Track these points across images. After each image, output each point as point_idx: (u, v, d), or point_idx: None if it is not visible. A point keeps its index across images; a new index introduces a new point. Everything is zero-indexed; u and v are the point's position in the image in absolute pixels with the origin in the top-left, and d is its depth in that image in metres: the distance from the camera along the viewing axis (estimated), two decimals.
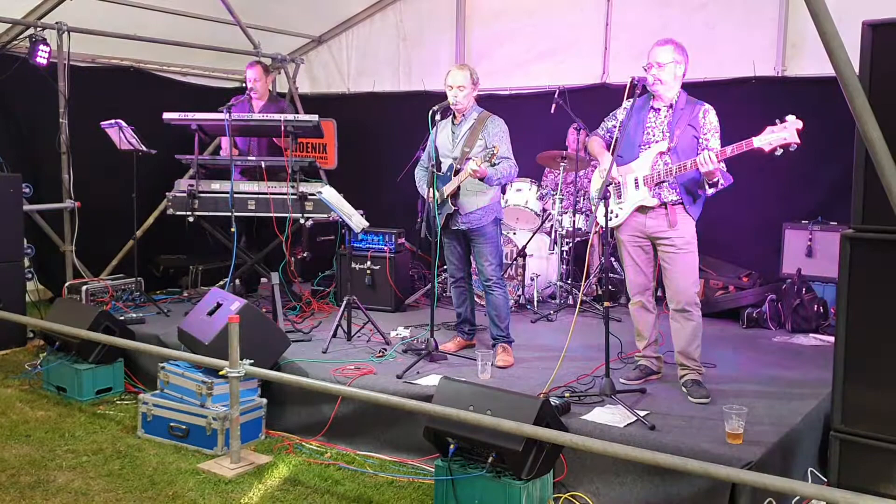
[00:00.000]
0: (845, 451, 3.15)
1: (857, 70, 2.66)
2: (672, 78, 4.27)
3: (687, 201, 4.29)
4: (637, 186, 4.35)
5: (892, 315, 3.01)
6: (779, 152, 3.86)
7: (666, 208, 4.30)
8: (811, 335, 5.77)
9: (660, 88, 4.30)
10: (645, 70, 4.30)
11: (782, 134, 3.84)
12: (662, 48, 4.27)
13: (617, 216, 4.45)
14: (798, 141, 3.82)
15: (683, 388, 4.33)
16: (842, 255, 3.11)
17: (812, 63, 6.18)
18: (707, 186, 4.18)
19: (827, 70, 2.54)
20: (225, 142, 6.48)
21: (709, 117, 4.26)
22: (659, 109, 4.37)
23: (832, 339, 3.26)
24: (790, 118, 3.85)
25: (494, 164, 4.76)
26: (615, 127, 4.47)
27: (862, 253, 3.08)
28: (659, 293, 4.72)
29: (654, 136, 4.34)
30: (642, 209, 4.36)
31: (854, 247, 3.09)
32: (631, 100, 4.34)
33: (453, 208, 4.93)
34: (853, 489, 2.87)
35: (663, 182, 4.28)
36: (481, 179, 4.76)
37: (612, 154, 4.21)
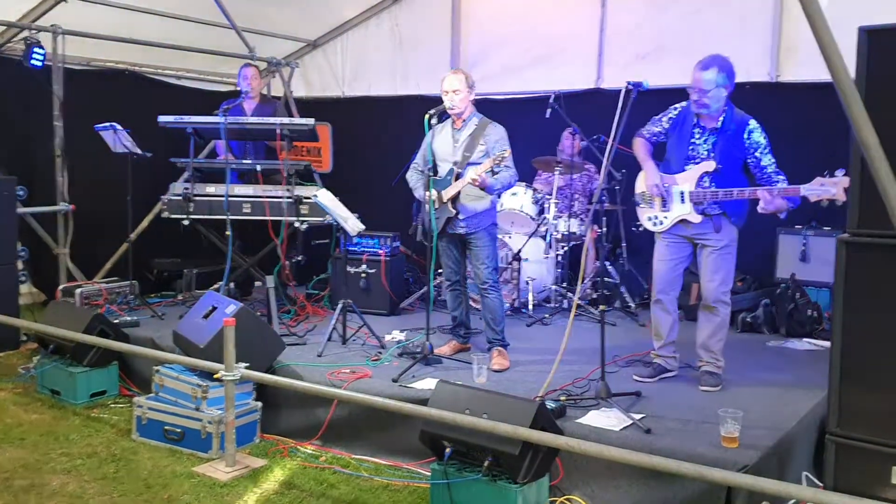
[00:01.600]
0: (841, 454, 3.16)
1: (853, 75, 2.68)
2: (717, 100, 4.29)
3: (729, 214, 4.38)
4: (682, 200, 4.42)
5: (888, 319, 3.03)
6: (824, 204, 3.89)
7: (711, 218, 4.39)
8: (805, 340, 5.78)
9: (703, 111, 4.33)
10: (689, 93, 4.33)
11: (831, 189, 3.88)
12: (707, 72, 4.24)
13: (662, 224, 4.53)
14: (844, 198, 3.80)
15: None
16: (838, 260, 3.13)
17: (806, 68, 6.19)
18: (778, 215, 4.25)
19: (822, 75, 2.56)
20: (220, 146, 6.47)
21: (754, 136, 4.29)
22: (705, 127, 4.40)
23: (826, 343, 3.29)
24: (839, 174, 3.86)
25: (496, 172, 4.77)
26: (661, 133, 4.58)
27: (858, 257, 3.09)
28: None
29: (699, 153, 4.40)
30: (685, 221, 4.44)
31: (850, 251, 3.11)
32: (676, 108, 4.47)
33: (454, 212, 4.93)
34: (849, 493, 2.88)
35: (706, 201, 4.37)
36: (482, 188, 4.78)
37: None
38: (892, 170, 2.52)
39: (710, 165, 4.33)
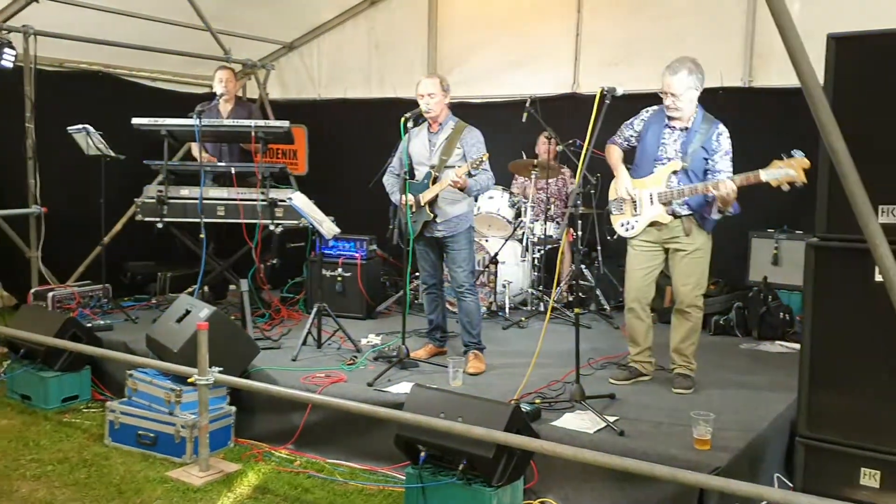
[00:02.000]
0: (810, 456, 3.21)
1: (821, 82, 2.72)
2: (688, 102, 4.35)
3: (697, 218, 4.42)
4: (652, 202, 4.45)
5: (856, 322, 3.07)
6: (785, 188, 3.90)
7: (681, 219, 4.42)
8: (777, 342, 5.85)
9: (676, 114, 4.39)
10: (661, 96, 4.38)
11: (787, 171, 3.86)
12: (676, 77, 4.30)
13: (633, 228, 4.56)
14: (805, 180, 3.82)
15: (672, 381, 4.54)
16: (807, 263, 3.17)
17: (778, 74, 6.28)
18: (717, 212, 4.27)
19: (792, 81, 2.59)
20: (195, 148, 6.42)
21: (721, 140, 4.34)
22: (675, 128, 4.45)
23: (798, 346, 3.32)
24: (797, 154, 3.87)
25: (473, 175, 4.79)
26: (633, 136, 4.63)
27: (826, 261, 3.14)
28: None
29: (667, 153, 4.44)
30: (657, 223, 4.47)
31: (819, 255, 3.15)
32: (648, 111, 4.52)
33: (431, 216, 4.94)
34: (818, 494, 2.92)
35: (675, 200, 4.40)
36: (461, 189, 4.79)
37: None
38: (859, 174, 2.56)
39: (677, 164, 4.38)
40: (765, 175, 3.97)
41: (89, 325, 5.70)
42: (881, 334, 2.96)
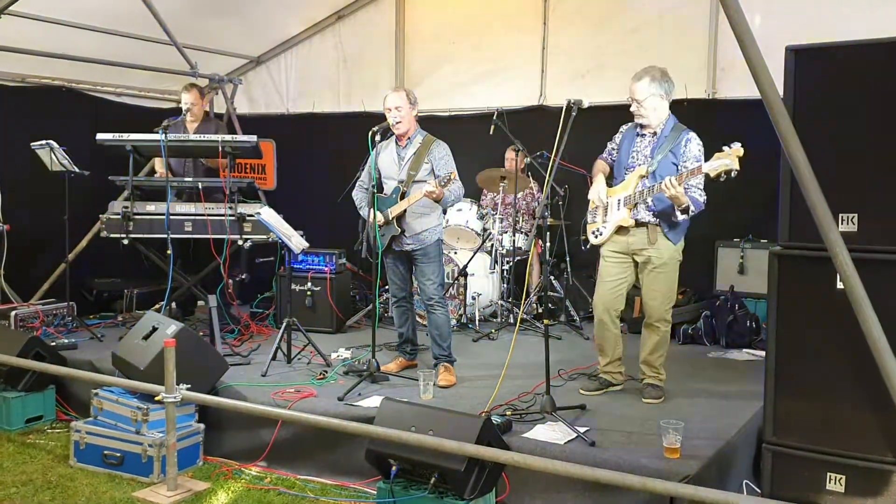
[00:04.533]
0: (777, 462, 3.24)
1: (781, 93, 2.77)
2: (653, 109, 4.42)
3: (663, 226, 4.45)
4: (619, 207, 4.50)
5: (819, 329, 3.12)
6: (722, 178, 4.00)
7: (646, 227, 4.46)
8: (745, 350, 5.92)
9: (643, 120, 4.47)
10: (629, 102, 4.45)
11: (724, 160, 3.98)
12: (639, 83, 4.40)
13: (602, 234, 4.61)
14: (738, 168, 3.95)
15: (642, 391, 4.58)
16: (770, 272, 3.22)
17: (740, 85, 6.36)
18: (678, 213, 4.31)
19: (754, 92, 2.64)
20: (159, 163, 6.37)
21: (690, 146, 4.40)
22: (645, 135, 4.53)
23: (764, 353, 3.35)
24: (735, 145, 3.98)
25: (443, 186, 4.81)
26: (614, 150, 4.72)
27: (789, 269, 3.18)
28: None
29: (638, 160, 4.51)
30: (622, 229, 4.52)
31: (781, 263, 3.20)
32: (628, 124, 4.62)
33: (399, 230, 4.94)
34: (786, 500, 2.95)
35: (639, 204, 4.44)
36: (437, 200, 4.80)
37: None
38: (818, 183, 2.61)
39: (643, 169, 4.44)
40: (706, 167, 4.09)
41: (53, 343, 5.61)
42: (844, 341, 3.00)
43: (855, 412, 3.05)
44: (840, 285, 2.89)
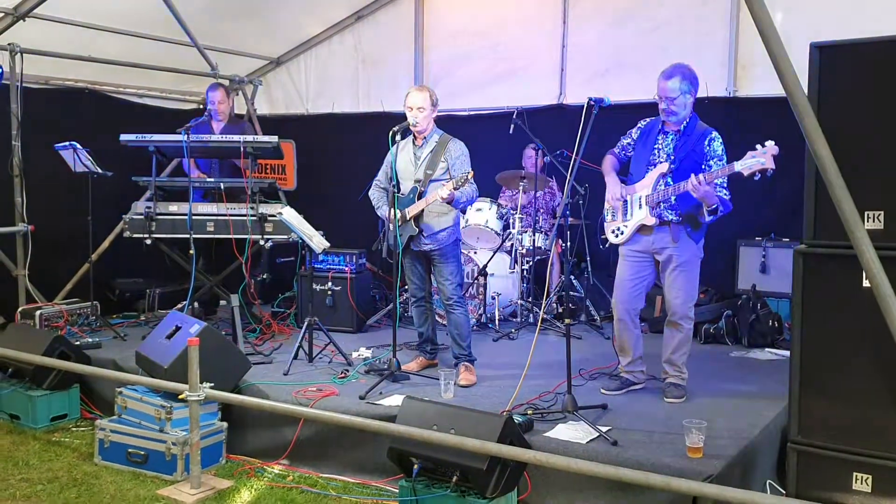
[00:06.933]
0: (802, 462, 3.21)
1: (805, 90, 2.75)
2: (683, 107, 4.40)
3: (687, 227, 4.43)
4: (640, 206, 4.49)
5: (845, 327, 3.09)
6: (756, 177, 3.98)
7: (669, 226, 4.44)
8: (767, 350, 5.88)
9: (671, 119, 4.44)
10: (657, 100, 4.42)
11: (759, 159, 3.97)
12: (670, 81, 4.36)
13: (623, 233, 4.59)
14: (773, 167, 3.93)
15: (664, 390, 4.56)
16: (795, 270, 3.19)
17: (762, 83, 6.34)
18: (707, 214, 4.29)
19: (776, 90, 2.63)
20: (187, 164, 6.41)
21: (713, 145, 4.38)
22: (668, 132, 4.50)
23: (787, 353, 3.33)
24: (769, 144, 3.97)
25: (457, 188, 4.80)
26: (629, 145, 4.68)
27: (814, 268, 3.16)
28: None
29: (659, 157, 4.49)
30: (644, 228, 4.49)
31: (807, 261, 3.17)
32: (646, 120, 4.58)
33: (416, 230, 4.95)
34: (811, 500, 2.94)
35: (662, 202, 4.42)
36: (449, 203, 4.80)
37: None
38: (844, 181, 2.59)
39: (665, 167, 4.42)
40: (738, 165, 4.07)
41: (77, 342, 5.66)
42: (870, 339, 2.98)
43: (881, 411, 3.02)
44: (866, 283, 2.87)
